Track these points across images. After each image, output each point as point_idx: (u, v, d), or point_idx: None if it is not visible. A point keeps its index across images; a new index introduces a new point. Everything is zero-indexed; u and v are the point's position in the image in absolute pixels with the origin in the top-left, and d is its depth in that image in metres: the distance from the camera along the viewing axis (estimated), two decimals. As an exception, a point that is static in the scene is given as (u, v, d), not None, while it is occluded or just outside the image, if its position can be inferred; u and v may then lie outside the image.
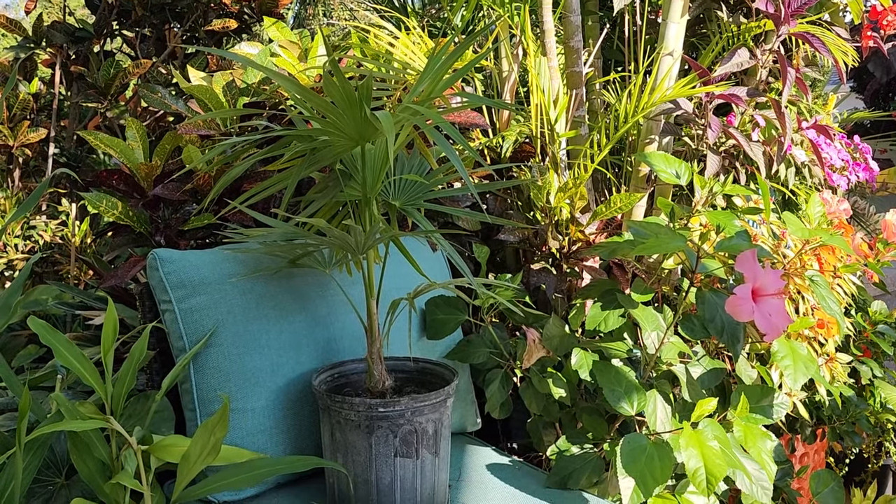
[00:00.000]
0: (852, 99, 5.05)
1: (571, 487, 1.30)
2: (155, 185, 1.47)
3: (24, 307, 1.53)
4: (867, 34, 1.97)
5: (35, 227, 2.37)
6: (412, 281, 1.32)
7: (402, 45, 1.70)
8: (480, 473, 1.34)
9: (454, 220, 1.63)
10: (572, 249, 1.63)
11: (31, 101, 2.33)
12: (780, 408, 1.38)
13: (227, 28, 2.36)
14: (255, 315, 1.25)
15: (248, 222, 1.44)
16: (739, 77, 1.95)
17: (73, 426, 0.98)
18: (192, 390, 1.22)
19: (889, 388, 1.89)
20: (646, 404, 1.25)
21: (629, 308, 1.37)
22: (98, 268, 1.91)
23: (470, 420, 1.52)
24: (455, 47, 1.09)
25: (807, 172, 1.97)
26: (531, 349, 1.44)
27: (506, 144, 1.74)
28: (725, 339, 1.29)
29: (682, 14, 1.68)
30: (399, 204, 1.26)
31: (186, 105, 1.60)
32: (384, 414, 1.11)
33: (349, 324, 1.34)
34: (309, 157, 1.16)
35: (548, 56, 1.71)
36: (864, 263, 1.77)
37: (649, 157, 1.46)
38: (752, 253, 1.16)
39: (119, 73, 2.20)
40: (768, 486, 1.25)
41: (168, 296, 1.23)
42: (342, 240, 1.09)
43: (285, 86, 1.06)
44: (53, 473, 1.18)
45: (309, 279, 1.33)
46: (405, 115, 1.05)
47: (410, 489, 1.14)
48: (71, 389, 1.37)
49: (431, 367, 1.28)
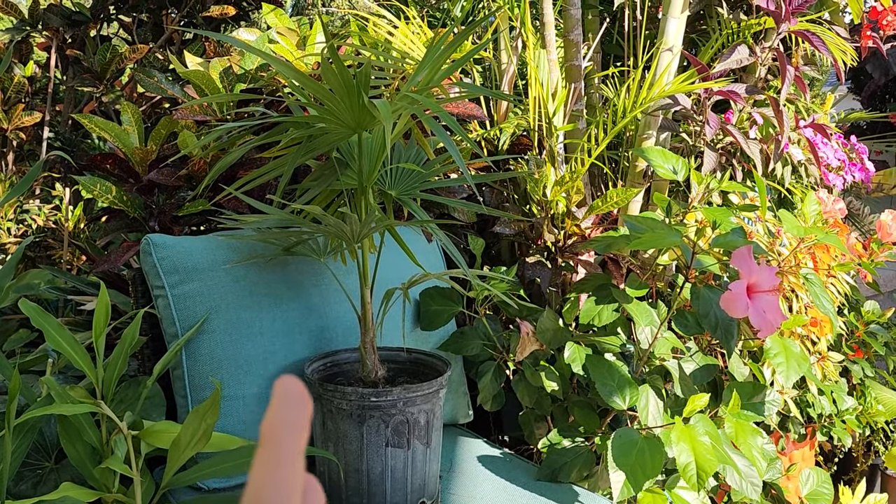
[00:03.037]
0: (849, 100, 5.06)
1: (562, 480, 1.30)
2: (150, 170, 1.46)
3: (17, 291, 1.52)
4: (867, 34, 1.97)
5: (28, 211, 2.35)
6: (407, 271, 1.32)
7: (402, 34, 1.69)
8: (471, 465, 1.34)
9: (450, 212, 1.63)
10: (568, 243, 1.63)
11: (26, 84, 2.31)
12: (772, 405, 1.38)
13: (226, 14, 2.34)
14: (248, 302, 1.25)
15: (242, 209, 1.43)
16: (738, 74, 1.94)
17: (63, 410, 0.98)
18: (184, 377, 1.22)
19: (879, 388, 1.90)
20: (638, 399, 1.25)
21: (623, 303, 1.37)
22: (91, 253, 1.90)
23: (462, 412, 1.52)
24: (454, 37, 1.09)
25: (803, 171, 1.97)
26: (524, 342, 1.43)
27: (503, 137, 1.73)
28: (719, 335, 1.29)
29: (683, 10, 1.67)
30: (395, 193, 1.25)
31: (183, 90, 1.59)
32: (376, 404, 1.10)
33: (343, 313, 1.34)
34: (305, 145, 1.15)
35: (547, 49, 1.70)
36: (858, 263, 1.78)
37: (647, 152, 1.46)
38: (747, 249, 1.16)
39: (115, 58, 2.19)
40: (758, 483, 1.25)
41: (161, 281, 1.22)
42: (337, 228, 1.09)
43: (283, 71, 1.05)
44: (43, 457, 1.17)
45: (303, 267, 1.33)
46: (403, 104, 1.05)
47: (401, 479, 1.14)
48: (62, 373, 1.37)
49: (424, 358, 1.28)
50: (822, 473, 1.66)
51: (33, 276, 1.58)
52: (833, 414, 1.76)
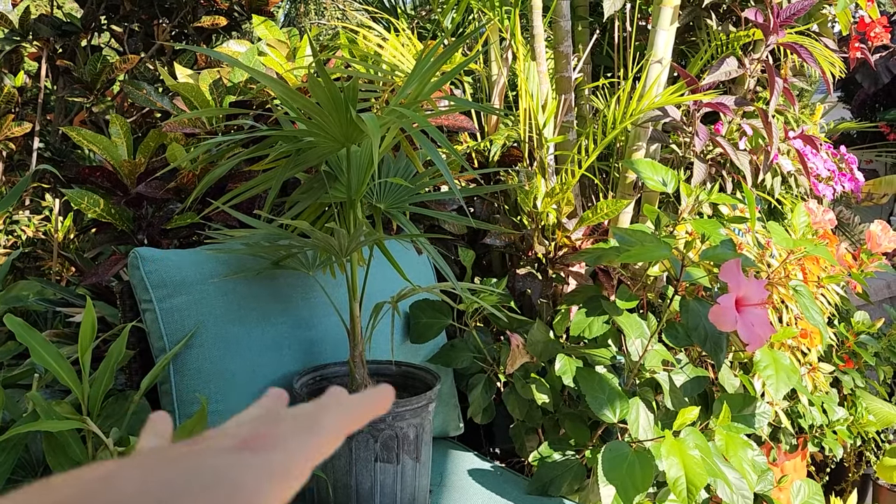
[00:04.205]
0: (839, 109, 5.09)
1: (552, 494, 1.29)
2: (138, 183, 1.45)
3: (5, 303, 1.51)
4: (855, 45, 1.98)
5: (18, 222, 2.34)
6: (396, 284, 1.32)
7: (392, 46, 1.69)
8: (462, 478, 1.34)
9: (440, 224, 1.63)
10: (558, 255, 1.62)
11: (16, 94, 2.30)
12: (763, 417, 1.38)
13: (217, 25, 2.34)
14: (236, 316, 1.24)
15: (231, 222, 1.42)
16: (727, 86, 1.95)
17: (49, 426, 0.97)
18: (172, 391, 1.21)
19: (870, 399, 1.90)
20: (628, 412, 1.25)
21: (614, 315, 1.37)
22: (80, 264, 1.89)
23: (452, 425, 1.51)
24: (444, 50, 1.09)
25: (793, 182, 1.98)
26: (515, 354, 1.43)
27: (494, 148, 1.73)
28: (708, 348, 1.29)
29: (672, 22, 1.68)
30: (384, 207, 1.25)
31: (172, 103, 1.59)
32: (365, 418, 1.09)
33: (332, 326, 1.33)
34: (294, 158, 1.15)
35: (537, 60, 1.70)
36: (848, 274, 1.78)
37: (636, 164, 1.46)
38: (736, 262, 1.16)
39: (106, 68, 2.18)
40: (749, 495, 1.25)
41: (149, 295, 1.21)
42: (325, 242, 1.09)
43: (270, 86, 1.05)
44: (29, 473, 1.16)
45: (292, 281, 1.32)
46: (391, 118, 1.04)
47: (391, 494, 1.14)
48: (49, 388, 1.36)
49: (414, 372, 1.28)
50: (813, 485, 1.66)
51: (22, 287, 1.57)
52: (824, 424, 1.76)
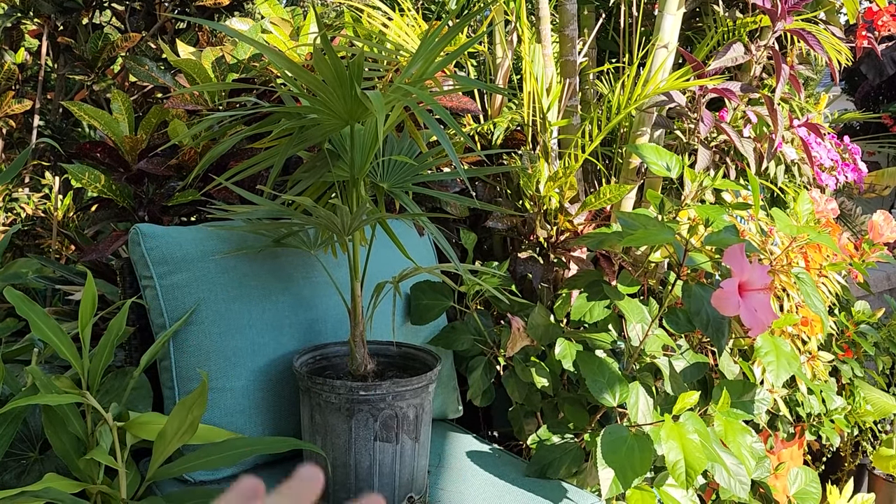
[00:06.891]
0: (843, 100, 5.07)
1: (551, 477, 1.29)
2: (139, 159, 1.44)
3: (4, 280, 1.50)
4: (862, 34, 1.96)
5: (17, 200, 2.33)
6: (398, 265, 1.31)
7: (396, 26, 1.68)
8: (460, 460, 1.34)
9: (442, 206, 1.62)
10: (560, 239, 1.62)
11: (16, 71, 2.29)
12: (761, 404, 1.38)
13: (219, 4, 2.32)
14: (237, 294, 1.24)
15: (233, 200, 1.42)
16: (733, 72, 1.94)
17: (48, 400, 0.97)
18: (172, 368, 1.20)
19: (868, 388, 1.91)
20: (628, 396, 1.25)
21: (615, 299, 1.37)
22: (80, 242, 1.88)
23: (452, 407, 1.51)
24: (448, 30, 1.08)
25: (796, 171, 1.97)
26: (515, 338, 1.43)
27: (497, 131, 1.73)
28: (710, 333, 1.29)
29: (679, 6, 1.66)
30: (387, 186, 1.24)
31: (174, 79, 1.57)
32: (365, 397, 1.09)
33: (333, 306, 1.33)
34: (297, 136, 1.14)
35: (542, 44, 1.69)
36: (850, 263, 1.78)
37: (641, 148, 1.45)
38: (739, 247, 1.16)
39: (107, 46, 2.17)
40: (746, 481, 1.25)
41: (150, 272, 1.21)
42: (328, 220, 1.08)
43: (275, 61, 1.04)
44: (27, 447, 1.16)
45: (293, 260, 1.32)
46: (396, 96, 1.04)
47: (389, 474, 1.14)
48: (48, 363, 1.36)
49: (414, 353, 1.27)
50: (810, 472, 1.66)
51: (21, 264, 1.56)
52: (822, 413, 1.76)
